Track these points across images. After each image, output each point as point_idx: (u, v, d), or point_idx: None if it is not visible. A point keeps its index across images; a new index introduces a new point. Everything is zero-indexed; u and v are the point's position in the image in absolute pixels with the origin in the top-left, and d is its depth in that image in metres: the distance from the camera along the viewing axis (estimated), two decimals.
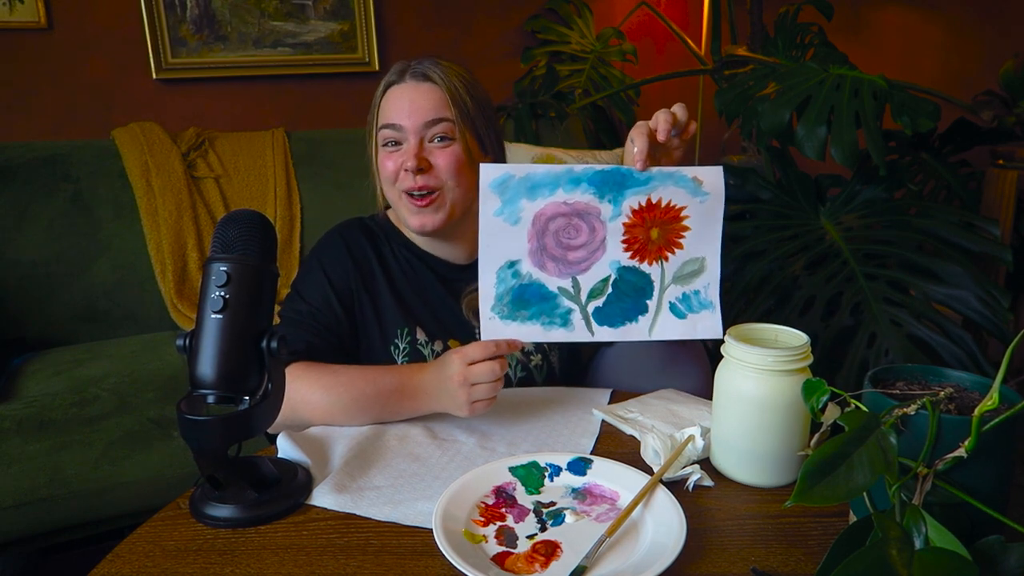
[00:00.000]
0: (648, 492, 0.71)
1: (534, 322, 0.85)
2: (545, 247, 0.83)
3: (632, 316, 0.86)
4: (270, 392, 0.73)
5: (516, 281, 0.84)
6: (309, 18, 2.36)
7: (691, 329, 0.88)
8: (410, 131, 1.00)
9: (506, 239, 0.83)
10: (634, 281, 0.85)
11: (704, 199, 0.84)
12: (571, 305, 0.85)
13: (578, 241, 0.84)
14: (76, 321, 1.79)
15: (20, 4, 2.04)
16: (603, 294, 0.85)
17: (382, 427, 0.90)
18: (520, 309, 0.85)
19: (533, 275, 0.84)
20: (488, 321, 0.84)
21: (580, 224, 0.83)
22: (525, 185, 0.82)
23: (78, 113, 2.18)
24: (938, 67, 3.11)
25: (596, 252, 0.84)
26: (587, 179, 0.82)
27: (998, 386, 0.54)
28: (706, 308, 0.88)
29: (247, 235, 0.72)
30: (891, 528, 0.48)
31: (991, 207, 2.00)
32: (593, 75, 2.55)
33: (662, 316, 0.86)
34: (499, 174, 0.81)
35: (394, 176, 1.02)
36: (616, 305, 0.86)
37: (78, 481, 1.27)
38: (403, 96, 1.02)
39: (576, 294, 0.85)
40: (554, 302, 0.85)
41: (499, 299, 0.84)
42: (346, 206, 1.98)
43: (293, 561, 0.65)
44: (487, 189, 0.82)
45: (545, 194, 0.82)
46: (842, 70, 1.67)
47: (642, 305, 0.86)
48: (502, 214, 0.82)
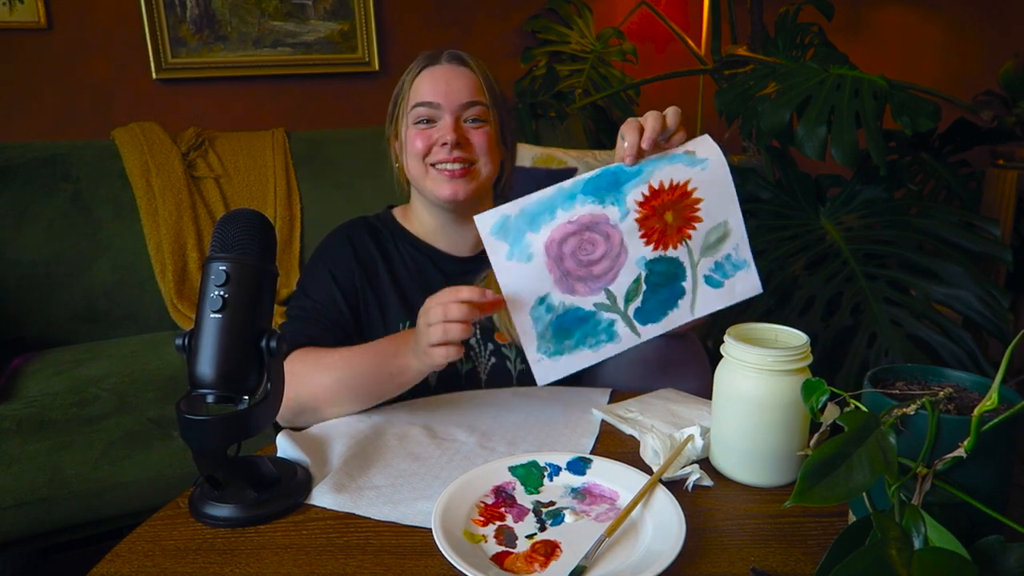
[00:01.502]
0: (647, 492, 0.71)
1: (581, 348, 0.83)
2: (568, 272, 0.81)
3: (672, 304, 0.84)
4: (269, 392, 0.73)
5: (552, 315, 0.82)
6: (309, 18, 2.37)
7: (730, 294, 0.86)
8: (447, 109, 1.03)
9: (527, 279, 0.80)
10: (665, 270, 0.83)
11: (703, 166, 0.82)
12: (612, 316, 0.83)
13: (597, 254, 0.81)
14: (76, 321, 1.79)
15: (20, 4, 2.04)
16: (639, 294, 0.83)
17: (382, 427, 0.90)
18: (564, 340, 0.83)
19: (566, 303, 0.82)
20: (538, 364, 0.83)
21: (594, 236, 0.81)
22: (523, 219, 0.80)
23: (78, 113, 2.18)
24: (938, 67, 3.11)
25: (619, 258, 0.82)
26: (580, 191, 0.80)
27: (997, 386, 0.54)
28: (740, 269, 0.86)
29: (246, 234, 0.72)
30: (890, 528, 0.48)
31: (991, 207, 2.00)
32: (593, 75, 2.55)
33: (700, 292, 0.84)
34: (495, 219, 0.80)
35: (425, 151, 1.04)
36: (653, 300, 0.84)
37: (78, 481, 1.27)
38: (440, 77, 1.04)
39: (613, 303, 0.83)
40: (594, 320, 0.83)
41: (541, 338, 0.82)
42: (346, 206, 1.98)
43: (293, 561, 0.65)
44: (489, 237, 0.80)
45: (547, 220, 0.80)
46: (842, 70, 1.66)
47: (679, 289, 0.84)
48: (513, 256, 0.80)
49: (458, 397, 0.99)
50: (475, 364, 1.06)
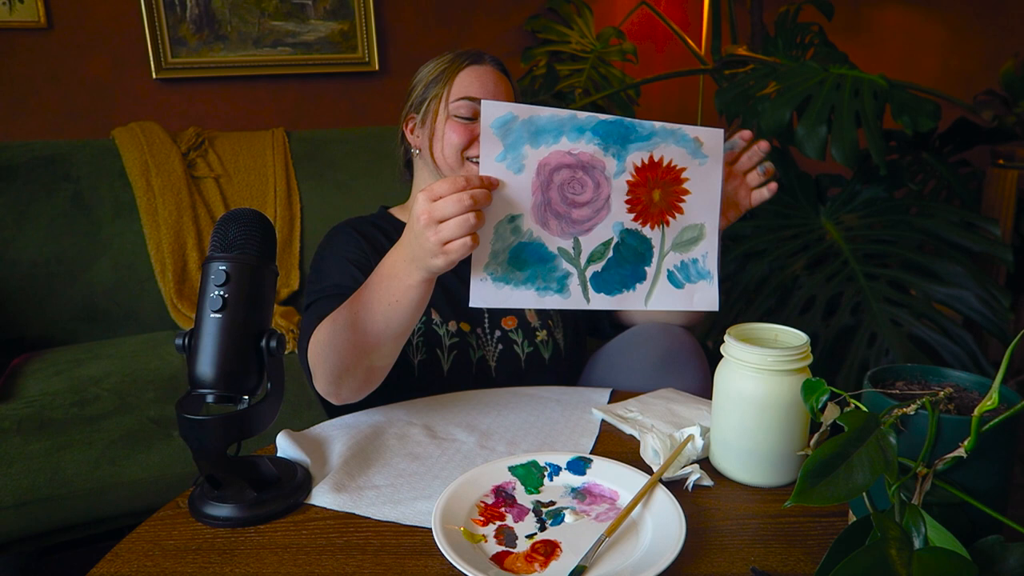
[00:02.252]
0: (647, 492, 0.71)
1: (528, 286, 0.79)
2: (550, 201, 0.77)
3: (630, 284, 0.82)
4: (270, 392, 0.73)
5: (515, 239, 0.77)
6: (309, 18, 2.36)
7: (688, 300, 0.84)
8: None
9: (509, 189, 0.76)
10: (635, 246, 0.82)
11: (703, 162, 0.82)
12: (569, 268, 0.80)
13: (583, 197, 0.78)
14: (76, 321, 1.78)
15: (20, 4, 2.04)
16: (603, 258, 0.81)
17: (382, 427, 0.90)
18: (516, 270, 0.78)
19: (534, 232, 0.78)
20: (480, 283, 0.78)
21: (585, 179, 0.78)
22: (528, 129, 0.75)
23: (78, 113, 2.18)
24: (938, 67, 3.11)
25: (601, 211, 0.79)
26: (591, 128, 0.77)
27: (998, 386, 0.54)
28: (704, 278, 0.85)
29: (246, 234, 0.72)
30: (890, 528, 0.48)
31: (991, 207, 2.00)
32: (593, 75, 2.55)
33: (660, 285, 0.83)
34: (502, 112, 0.75)
35: (464, 144, 1.05)
36: (615, 271, 0.81)
37: (78, 481, 1.27)
38: (488, 77, 1.08)
39: (576, 256, 0.80)
40: (551, 264, 0.79)
41: (494, 257, 0.77)
42: (346, 206, 1.98)
43: (292, 560, 0.65)
44: (488, 129, 0.75)
45: (549, 141, 0.76)
46: (842, 70, 1.66)
47: (640, 272, 0.82)
48: (504, 159, 0.76)
49: (458, 397, 0.99)
50: (484, 352, 1.08)
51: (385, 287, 0.81)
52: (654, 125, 0.79)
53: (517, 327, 1.10)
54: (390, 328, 0.83)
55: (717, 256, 0.85)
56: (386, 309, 0.81)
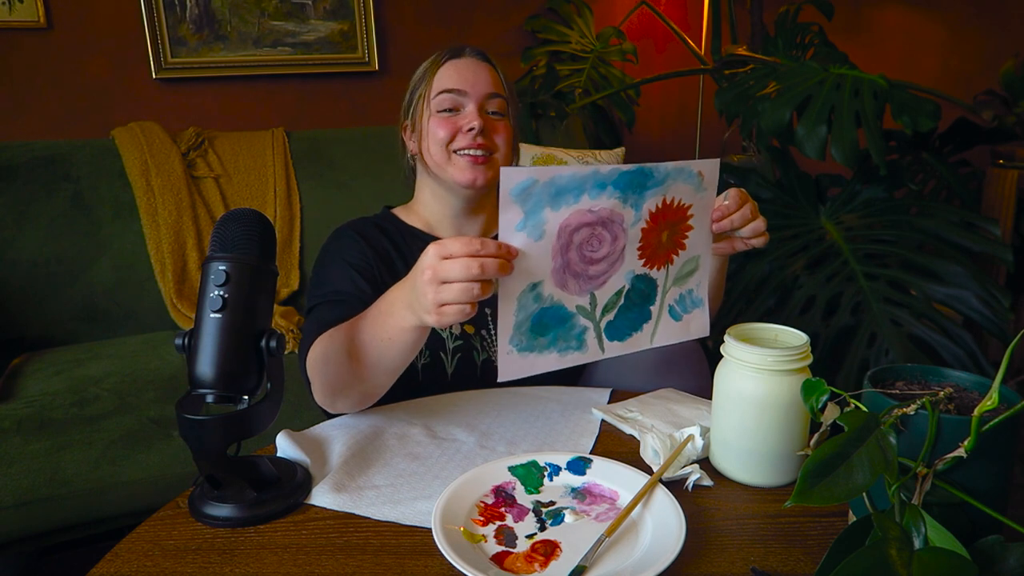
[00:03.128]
0: (647, 492, 0.71)
1: (551, 350, 0.79)
2: (568, 263, 0.76)
3: (637, 325, 0.83)
4: (269, 392, 0.73)
5: (537, 306, 0.76)
6: (309, 18, 2.37)
7: (685, 330, 0.86)
8: (472, 98, 1.05)
9: (530, 258, 0.73)
10: (643, 288, 0.82)
11: (704, 195, 0.83)
12: (586, 323, 0.80)
13: (600, 253, 0.78)
14: (76, 321, 1.79)
15: (20, 4, 2.04)
16: (615, 307, 0.81)
17: (382, 427, 0.90)
18: (539, 337, 0.77)
19: (555, 296, 0.76)
20: (507, 356, 0.76)
21: (604, 234, 0.77)
22: (549, 191, 0.72)
23: (78, 113, 2.19)
24: (938, 67, 3.11)
25: (615, 264, 0.79)
26: (613, 183, 0.75)
27: (997, 386, 0.54)
28: (697, 306, 0.87)
29: (246, 234, 0.72)
30: (891, 528, 0.48)
31: (991, 207, 2.00)
32: (593, 75, 2.55)
33: (662, 321, 0.84)
34: (522, 178, 0.70)
35: (449, 138, 1.05)
36: (624, 316, 0.82)
37: (78, 481, 1.27)
38: (467, 68, 1.07)
39: (592, 310, 0.80)
40: (571, 323, 0.79)
41: (517, 328, 0.76)
42: (346, 206, 1.98)
43: (292, 560, 0.65)
44: (509, 198, 0.71)
45: (570, 201, 0.73)
46: (842, 70, 1.66)
47: (646, 312, 0.83)
48: (525, 228, 0.72)
49: (457, 397, 0.99)
50: (489, 354, 1.07)
51: (381, 323, 0.80)
52: (668, 167, 0.78)
53: None
54: (382, 363, 0.83)
55: (707, 281, 0.88)
56: (379, 345, 0.81)
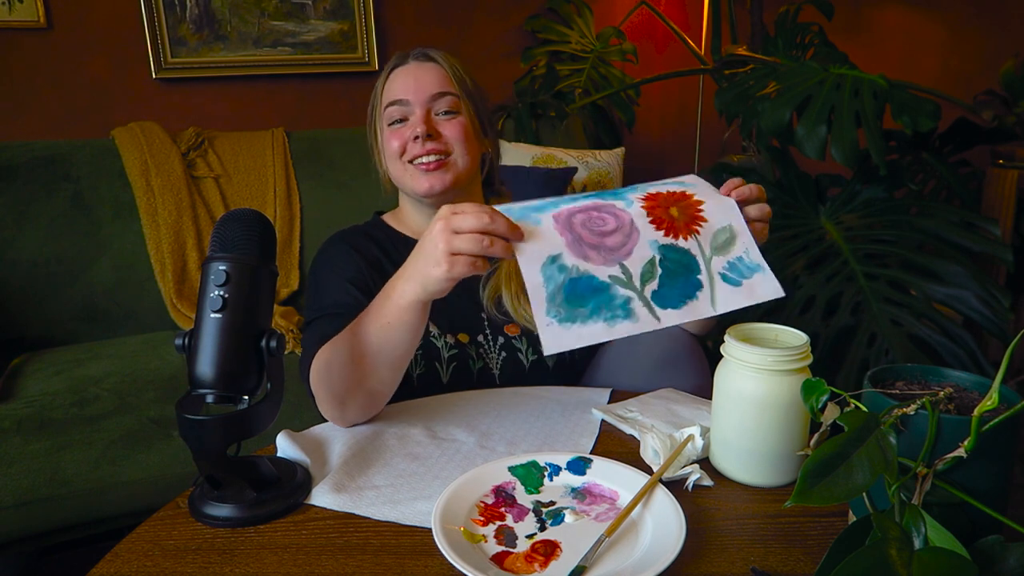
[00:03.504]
0: (647, 492, 0.71)
1: (596, 319, 0.76)
2: (581, 237, 0.78)
3: (691, 293, 0.80)
4: (270, 392, 0.73)
5: (564, 276, 0.76)
6: (309, 18, 2.37)
7: (750, 294, 0.82)
8: (416, 104, 1.04)
9: (537, 237, 0.77)
10: (678, 259, 0.81)
11: (695, 188, 0.86)
12: (628, 293, 0.78)
13: (609, 227, 0.79)
14: (76, 321, 1.79)
15: (20, 3, 2.04)
16: (654, 276, 0.79)
17: (382, 427, 0.90)
18: (578, 307, 0.76)
19: (580, 267, 0.77)
20: (547, 328, 0.75)
21: (603, 216, 0.79)
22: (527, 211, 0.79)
23: (78, 113, 2.19)
24: (938, 67, 3.11)
25: (632, 235, 0.79)
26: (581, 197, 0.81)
27: (997, 386, 0.54)
28: (756, 271, 0.83)
29: (246, 234, 0.72)
30: (890, 528, 0.48)
31: (991, 207, 2.00)
32: (593, 75, 2.55)
33: (719, 288, 0.82)
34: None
35: (401, 149, 1.05)
36: (670, 286, 0.80)
37: (78, 481, 1.27)
38: (408, 74, 1.06)
39: (629, 280, 0.78)
40: (608, 293, 0.77)
41: (551, 300, 0.75)
42: (346, 206, 1.98)
43: (292, 561, 0.65)
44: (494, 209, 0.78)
45: (550, 209, 0.80)
46: (842, 70, 1.66)
47: (695, 281, 0.81)
48: (520, 220, 0.77)
49: (457, 397, 0.99)
50: (486, 361, 1.06)
51: (379, 309, 0.81)
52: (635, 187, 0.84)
53: (521, 334, 1.08)
54: (383, 352, 0.82)
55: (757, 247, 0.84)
56: (378, 331, 0.81)
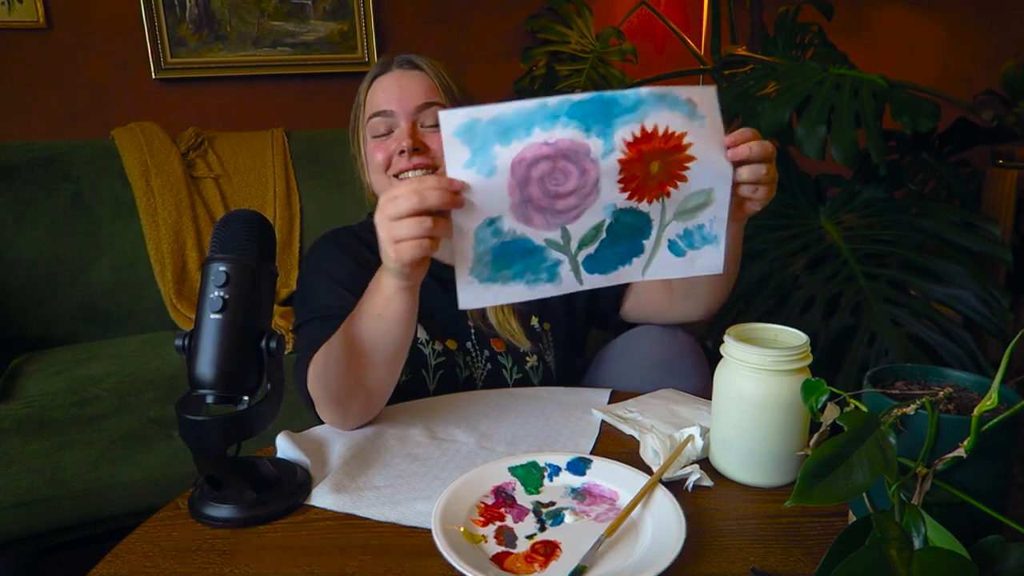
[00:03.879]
0: (647, 492, 0.71)
1: (518, 281, 0.74)
2: (530, 198, 0.70)
3: (626, 259, 0.77)
4: (269, 392, 0.73)
5: (497, 239, 0.72)
6: (309, 18, 2.36)
7: (689, 266, 0.79)
8: (401, 116, 1.00)
9: (483, 194, 0.69)
10: (631, 223, 0.75)
11: (702, 123, 0.73)
12: (559, 256, 0.74)
13: (567, 187, 0.70)
14: (76, 321, 1.78)
15: (19, 4, 2.04)
16: (596, 240, 0.74)
17: (381, 427, 0.90)
18: (502, 269, 0.73)
19: (517, 231, 0.72)
20: (467, 285, 0.73)
21: (568, 167, 0.70)
22: (494, 129, 0.68)
23: (78, 113, 2.18)
24: (938, 67, 3.11)
25: (588, 197, 0.72)
26: (566, 112, 0.68)
27: (997, 386, 0.54)
28: (709, 243, 0.78)
29: (246, 235, 0.72)
30: (890, 528, 0.48)
31: (991, 207, 2.00)
32: (593, 75, 2.55)
33: (659, 255, 0.77)
34: (462, 120, 0.67)
35: (386, 163, 1.01)
36: (609, 250, 0.75)
37: (78, 481, 1.27)
38: (392, 83, 1.02)
39: (565, 244, 0.74)
40: (540, 255, 0.74)
41: (478, 260, 0.72)
42: (346, 206, 1.98)
43: (292, 561, 0.65)
44: (451, 138, 0.68)
45: (520, 135, 0.68)
46: (842, 70, 1.66)
47: (638, 246, 0.76)
48: (473, 164, 0.69)
49: (457, 398, 0.99)
50: (472, 371, 1.06)
51: (368, 302, 0.81)
52: (640, 92, 0.69)
53: (506, 351, 1.07)
54: (379, 346, 0.82)
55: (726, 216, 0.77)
56: (370, 324, 0.81)
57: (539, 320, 1.10)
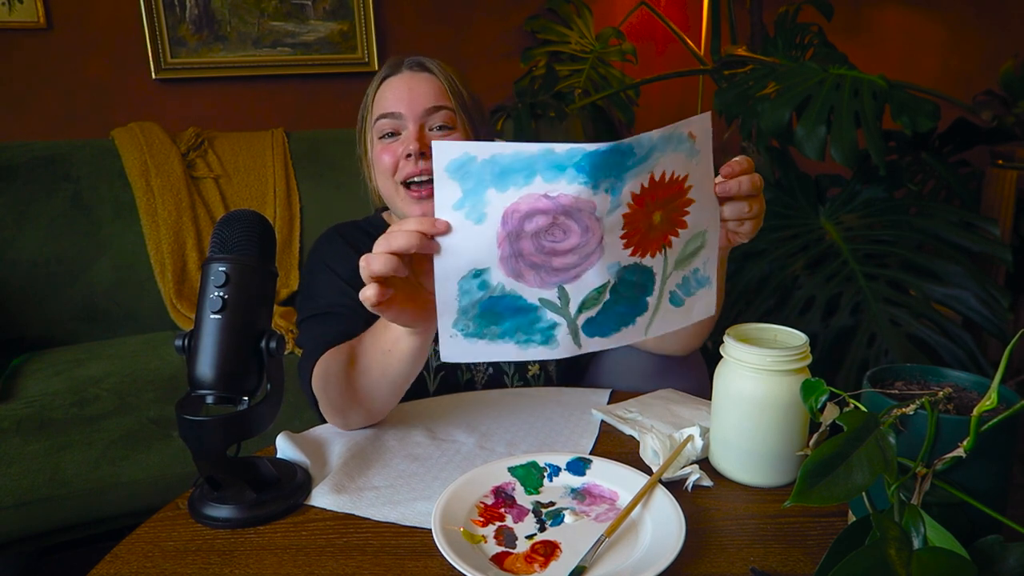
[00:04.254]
0: (647, 492, 0.71)
1: (507, 340, 0.68)
2: (522, 252, 0.63)
3: (629, 320, 0.70)
4: (269, 392, 0.73)
5: (484, 293, 0.65)
6: (309, 18, 2.36)
7: (687, 315, 0.74)
8: (409, 118, 0.99)
9: (470, 241, 0.63)
10: (634, 281, 0.68)
11: (698, 159, 0.67)
12: (556, 319, 0.67)
13: (566, 244, 0.63)
14: (76, 321, 1.79)
15: (19, 4, 2.04)
16: (598, 303, 0.67)
17: (381, 428, 0.90)
18: (490, 325, 0.67)
19: (506, 286, 0.65)
20: (450, 339, 0.67)
21: (569, 224, 0.62)
22: (491, 170, 0.61)
23: (78, 113, 2.18)
24: (938, 67, 3.11)
25: (591, 256, 0.64)
26: (575, 164, 0.60)
27: (997, 386, 0.54)
28: (702, 286, 0.74)
29: (246, 235, 0.72)
30: (890, 528, 0.48)
31: (991, 207, 2.00)
32: (593, 75, 2.55)
33: (661, 310, 0.71)
34: (456, 154, 0.61)
35: (393, 167, 1.00)
36: (611, 312, 0.69)
37: (78, 481, 1.27)
38: (401, 85, 1.00)
39: (564, 306, 0.67)
40: (534, 315, 0.67)
41: (463, 313, 0.66)
42: (346, 206, 1.98)
43: (292, 561, 0.65)
44: (443, 173, 0.61)
45: (519, 182, 0.61)
46: (842, 70, 1.67)
47: (642, 304, 0.70)
48: (463, 207, 0.62)
49: (457, 398, 0.99)
50: (473, 375, 1.06)
51: (378, 335, 0.80)
52: (652, 138, 0.62)
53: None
54: (386, 377, 0.81)
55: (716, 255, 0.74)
56: (380, 357, 0.79)
57: None
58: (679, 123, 0.64)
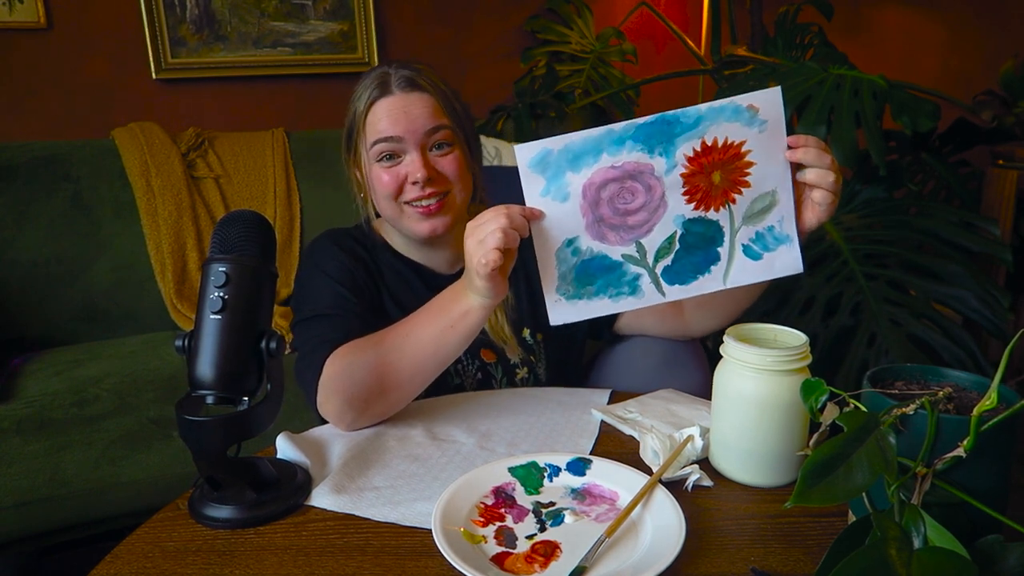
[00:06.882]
0: (647, 492, 0.71)
1: (601, 296, 0.81)
2: (602, 217, 0.78)
3: (704, 268, 0.81)
4: (269, 393, 0.73)
5: (577, 258, 0.79)
6: (309, 18, 2.36)
7: (768, 269, 0.82)
8: (410, 143, 0.97)
9: (559, 218, 0.78)
10: (702, 232, 0.80)
11: (763, 127, 0.77)
12: (639, 270, 0.80)
13: (635, 204, 0.78)
14: (76, 321, 1.78)
15: (20, 4, 2.04)
16: (671, 252, 0.80)
17: (382, 428, 0.90)
18: (586, 285, 0.80)
19: (594, 249, 0.79)
20: (555, 304, 0.81)
21: (635, 186, 0.77)
22: (566, 157, 0.76)
23: (78, 113, 2.18)
24: (938, 67, 3.11)
25: (657, 211, 0.78)
26: (631, 136, 0.76)
27: (996, 386, 0.54)
28: (783, 243, 0.82)
29: (246, 235, 0.72)
30: (890, 528, 0.48)
31: (991, 207, 2.00)
32: (593, 75, 2.55)
33: (737, 261, 0.81)
34: (536, 151, 0.76)
35: (396, 190, 0.98)
36: (686, 260, 0.80)
37: (78, 481, 1.27)
38: (396, 107, 0.97)
39: (642, 257, 0.80)
40: (620, 270, 0.80)
41: (562, 278, 0.80)
42: (346, 206, 1.96)
43: (292, 562, 0.65)
44: (527, 170, 0.77)
45: (589, 162, 0.76)
46: (842, 70, 1.67)
47: (713, 254, 0.81)
48: (549, 193, 0.77)
49: (457, 398, 0.99)
50: (462, 380, 1.06)
51: (439, 313, 0.85)
52: (700, 109, 0.76)
53: (496, 362, 1.07)
54: (437, 356, 0.87)
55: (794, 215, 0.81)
56: (438, 334, 0.85)
57: (531, 331, 1.10)
58: (739, 96, 0.76)
